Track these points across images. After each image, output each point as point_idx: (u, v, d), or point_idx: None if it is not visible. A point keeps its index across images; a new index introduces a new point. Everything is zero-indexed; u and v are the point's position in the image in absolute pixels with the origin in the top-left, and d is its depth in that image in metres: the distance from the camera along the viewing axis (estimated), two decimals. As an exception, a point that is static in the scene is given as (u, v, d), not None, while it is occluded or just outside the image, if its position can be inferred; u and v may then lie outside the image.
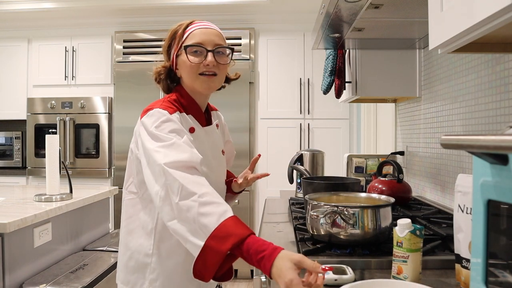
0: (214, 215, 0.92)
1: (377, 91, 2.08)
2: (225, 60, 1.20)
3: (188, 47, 1.16)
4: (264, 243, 0.88)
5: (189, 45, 1.16)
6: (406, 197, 1.76)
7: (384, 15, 1.48)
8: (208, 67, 1.16)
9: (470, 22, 0.72)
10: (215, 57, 1.17)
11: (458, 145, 0.60)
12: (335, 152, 3.65)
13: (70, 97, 3.84)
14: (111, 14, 3.81)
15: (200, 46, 1.16)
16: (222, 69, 1.20)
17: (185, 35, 1.18)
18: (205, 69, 1.16)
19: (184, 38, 1.18)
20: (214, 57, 1.16)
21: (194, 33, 1.17)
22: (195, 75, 1.17)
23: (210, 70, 1.16)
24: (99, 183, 3.80)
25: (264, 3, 3.48)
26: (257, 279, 1.11)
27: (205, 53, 1.16)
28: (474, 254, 0.65)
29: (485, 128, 1.42)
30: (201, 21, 1.21)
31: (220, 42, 1.19)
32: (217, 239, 0.90)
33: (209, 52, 1.16)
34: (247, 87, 3.63)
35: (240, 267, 3.63)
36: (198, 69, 1.16)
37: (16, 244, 1.75)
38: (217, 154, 1.27)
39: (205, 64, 1.16)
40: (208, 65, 1.16)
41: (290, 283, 0.81)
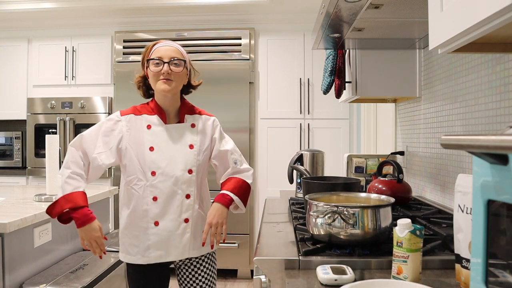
0: (71, 186, 1.48)
1: (377, 91, 2.08)
2: (179, 69, 1.54)
3: (150, 60, 1.54)
4: (87, 213, 1.47)
5: (150, 58, 1.54)
6: (406, 197, 1.77)
7: (384, 15, 1.48)
8: (164, 74, 1.51)
9: (470, 22, 0.72)
10: (170, 67, 1.52)
11: (458, 145, 0.60)
12: (335, 152, 3.65)
13: (70, 97, 3.84)
14: (111, 14, 3.81)
15: (159, 59, 1.52)
16: (177, 76, 1.54)
17: (151, 52, 1.56)
18: (162, 76, 1.51)
19: (150, 54, 1.56)
20: (170, 67, 1.51)
21: (156, 50, 1.55)
22: (155, 80, 1.53)
23: (166, 77, 1.51)
24: (99, 183, 3.79)
25: (264, 3, 3.48)
26: (257, 279, 1.11)
27: (162, 64, 1.51)
28: (474, 254, 0.65)
29: (485, 128, 1.42)
30: (165, 41, 1.60)
31: (175, 55, 1.54)
32: (65, 200, 1.47)
33: (165, 63, 1.51)
34: (247, 87, 3.63)
35: (240, 267, 3.63)
36: (158, 76, 1.52)
37: (16, 244, 1.75)
38: (177, 146, 1.56)
39: (161, 72, 1.51)
40: (163, 73, 1.51)
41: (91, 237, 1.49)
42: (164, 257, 1.54)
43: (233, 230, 3.62)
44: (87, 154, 1.53)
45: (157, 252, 1.53)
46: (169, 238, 1.53)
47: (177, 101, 1.61)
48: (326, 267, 0.97)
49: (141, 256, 1.54)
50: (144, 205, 1.52)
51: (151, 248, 1.53)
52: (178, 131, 1.58)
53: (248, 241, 3.62)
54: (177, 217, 1.54)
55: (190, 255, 1.58)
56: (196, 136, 1.60)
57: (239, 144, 3.56)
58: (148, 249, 1.53)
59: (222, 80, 3.61)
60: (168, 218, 1.53)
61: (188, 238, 1.55)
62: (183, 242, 1.55)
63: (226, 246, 3.57)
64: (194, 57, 3.70)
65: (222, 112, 3.58)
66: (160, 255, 1.54)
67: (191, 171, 1.56)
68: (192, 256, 1.59)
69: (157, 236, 1.52)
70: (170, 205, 1.53)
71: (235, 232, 3.60)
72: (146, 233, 1.52)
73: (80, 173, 1.51)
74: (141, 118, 1.57)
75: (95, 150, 1.52)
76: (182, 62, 1.55)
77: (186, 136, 1.58)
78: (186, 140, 1.58)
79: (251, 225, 3.65)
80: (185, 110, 1.62)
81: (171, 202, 1.53)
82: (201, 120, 1.64)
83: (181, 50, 1.58)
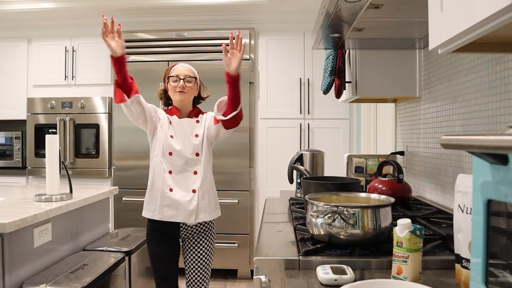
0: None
1: (377, 91, 2.08)
2: (191, 84, 2.06)
3: (170, 77, 2.06)
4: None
5: (170, 76, 2.06)
6: (406, 197, 1.77)
7: (384, 15, 1.48)
8: (180, 88, 2.02)
9: (470, 22, 0.72)
10: (185, 82, 2.03)
11: (458, 145, 0.60)
12: (335, 152, 3.65)
13: (70, 97, 3.84)
14: (111, 14, 3.80)
15: (177, 77, 2.04)
16: (189, 89, 2.05)
17: (171, 71, 2.08)
18: (178, 89, 2.02)
19: (170, 73, 2.07)
20: (184, 83, 2.03)
21: (174, 69, 2.07)
22: (173, 92, 2.04)
23: (181, 89, 2.02)
24: (99, 183, 3.80)
25: (264, 3, 3.48)
26: (257, 279, 1.11)
27: (179, 81, 2.02)
28: (474, 254, 0.65)
29: (485, 128, 1.42)
30: (181, 63, 2.12)
31: (188, 74, 2.06)
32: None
33: (181, 79, 2.03)
34: (247, 87, 3.63)
35: (240, 267, 3.63)
36: (175, 89, 2.03)
37: (16, 244, 1.75)
38: (187, 135, 2.04)
39: (178, 86, 2.02)
40: (179, 87, 2.02)
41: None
42: (175, 217, 1.96)
43: (233, 230, 3.62)
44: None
45: (170, 212, 1.96)
46: (180, 202, 1.97)
47: (189, 107, 2.12)
48: (326, 267, 0.97)
49: (157, 213, 1.97)
50: (162, 175, 1.99)
51: (165, 208, 1.96)
52: (188, 124, 2.06)
53: (248, 241, 3.62)
54: (186, 188, 1.99)
55: (196, 220, 1.99)
56: (199, 128, 2.07)
57: (239, 144, 3.59)
58: (163, 208, 1.97)
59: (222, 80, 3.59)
60: (180, 187, 1.99)
61: (195, 205, 1.98)
62: (191, 207, 1.97)
63: (226, 246, 3.57)
64: (194, 57, 3.70)
65: (222, 112, 3.58)
66: (171, 215, 1.96)
67: (198, 154, 2.03)
68: (198, 221, 1.99)
69: (171, 199, 1.96)
70: (182, 178, 2.00)
71: (235, 232, 3.60)
72: (163, 196, 1.97)
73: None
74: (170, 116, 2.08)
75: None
76: (193, 79, 2.07)
77: (193, 128, 2.07)
78: (193, 131, 2.06)
79: (251, 225, 3.65)
80: (193, 113, 2.13)
81: (183, 176, 2.00)
82: (203, 117, 2.13)
83: (193, 70, 2.10)
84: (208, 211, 2.02)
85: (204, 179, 2.02)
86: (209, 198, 2.04)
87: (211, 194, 2.06)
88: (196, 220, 1.99)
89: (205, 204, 2.02)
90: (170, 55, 3.73)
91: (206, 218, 2.02)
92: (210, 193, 2.06)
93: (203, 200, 2.01)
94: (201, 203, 2.00)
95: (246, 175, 3.59)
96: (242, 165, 3.61)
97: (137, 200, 3.66)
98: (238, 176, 3.58)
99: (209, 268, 2.10)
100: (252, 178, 3.67)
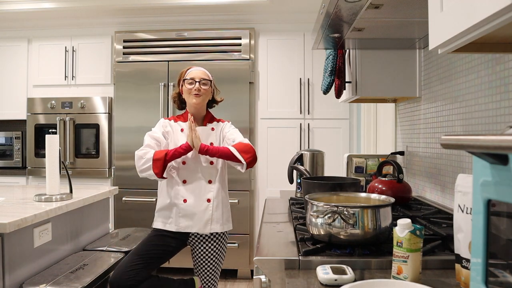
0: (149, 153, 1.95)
1: (377, 91, 2.08)
2: (206, 87, 2.05)
3: (185, 79, 2.05)
4: (175, 151, 1.93)
5: (186, 78, 2.05)
6: (406, 197, 1.77)
7: (384, 15, 1.48)
8: (195, 90, 2.02)
9: (470, 22, 0.72)
10: (200, 85, 2.02)
11: (458, 145, 0.60)
12: (335, 152, 3.65)
13: (70, 97, 3.84)
14: (111, 14, 3.81)
15: (192, 79, 2.03)
16: (204, 92, 2.04)
17: (186, 74, 2.07)
18: (194, 92, 2.02)
19: (185, 75, 2.07)
20: (200, 86, 2.02)
21: (190, 73, 2.06)
22: (188, 95, 2.04)
23: (196, 92, 2.02)
24: (99, 183, 3.80)
25: (264, 3, 3.48)
26: (257, 279, 1.11)
27: (195, 83, 2.02)
28: (474, 254, 0.65)
29: (485, 128, 1.42)
30: (196, 66, 2.12)
31: (204, 77, 2.05)
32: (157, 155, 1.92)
33: (196, 82, 2.02)
34: (247, 87, 3.63)
35: (240, 267, 3.63)
36: (191, 92, 2.03)
37: (16, 244, 1.75)
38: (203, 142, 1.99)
39: (194, 89, 2.02)
40: (195, 90, 2.02)
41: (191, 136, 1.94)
42: (190, 227, 1.99)
43: (233, 230, 3.60)
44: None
45: (186, 222, 1.99)
46: (195, 213, 1.98)
47: (203, 111, 2.11)
48: (326, 267, 0.97)
49: (174, 225, 2.00)
50: (176, 185, 2.01)
51: (181, 219, 1.99)
52: (202, 133, 2.04)
53: (248, 241, 3.62)
54: (201, 197, 2.00)
55: (211, 230, 2.00)
56: (215, 137, 2.08)
57: (239, 144, 3.57)
58: (178, 219, 1.99)
59: (222, 80, 3.61)
60: (194, 197, 2.00)
61: (209, 214, 2.00)
62: (206, 217, 2.00)
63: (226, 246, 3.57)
64: (194, 57, 3.70)
65: (222, 112, 3.57)
66: (187, 226, 2.00)
67: (212, 162, 2.03)
68: (212, 231, 2.00)
69: (185, 210, 1.99)
70: (196, 187, 2.00)
71: (235, 232, 3.60)
72: (178, 207, 1.99)
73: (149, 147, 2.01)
74: (177, 124, 2.09)
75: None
76: (208, 82, 2.07)
77: (207, 136, 2.06)
78: (208, 139, 2.06)
79: (251, 225, 3.65)
80: (207, 119, 2.12)
81: (197, 186, 2.00)
82: (218, 126, 2.12)
83: (208, 73, 2.10)
84: (220, 223, 2.03)
85: (219, 189, 2.03)
86: (223, 209, 2.05)
87: (225, 206, 2.07)
88: (212, 230, 2.00)
89: (219, 215, 2.02)
90: (170, 55, 3.73)
91: (218, 229, 2.02)
92: (224, 204, 2.07)
93: (217, 210, 2.02)
94: (215, 213, 2.01)
95: (246, 175, 3.59)
96: (242, 165, 3.60)
97: (137, 200, 3.66)
98: (238, 176, 3.57)
99: (218, 275, 2.12)
100: (252, 178, 3.67)
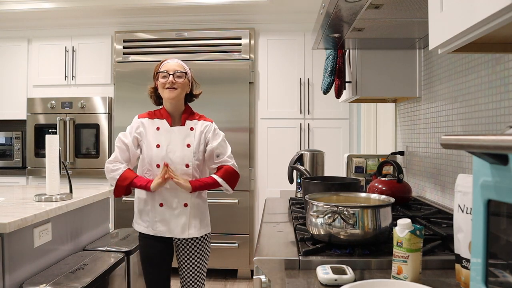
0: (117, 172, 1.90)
1: (377, 91, 2.08)
2: (181, 80, 1.91)
3: (159, 73, 1.92)
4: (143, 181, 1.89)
5: (159, 71, 1.92)
6: (406, 197, 1.77)
7: (384, 15, 1.48)
8: (169, 83, 1.88)
9: (470, 22, 0.72)
10: (174, 78, 1.88)
11: (458, 145, 0.60)
12: (335, 152, 3.65)
13: (70, 97, 3.84)
14: (111, 14, 3.81)
15: (165, 72, 1.89)
16: (180, 85, 1.90)
17: (160, 67, 1.93)
18: (168, 85, 1.88)
19: (159, 69, 1.93)
20: (174, 78, 1.88)
21: (164, 65, 1.93)
22: (162, 89, 1.90)
23: (171, 86, 1.88)
24: (99, 183, 3.79)
25: (264, 3, 3.48)
26: (257, 279, 1.11)
27: (168, 76, 1.88)
28: (474, 254, 0.65)
29: (485, 128, 1.42)
30: (171, 59, 1.97)
31: (178, 69, 1.91)
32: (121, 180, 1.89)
33: (170, 75, 1.89)
34: (247, 87, 3.63)
35: (240, 267, 3.63)
36: (165, 85, 1.89)
37: (16, 244, 1.75)
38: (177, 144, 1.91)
39: (168, 82, 1.88)
40: (169, 83, 1.88)
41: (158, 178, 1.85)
42: (167, 232, 1.92)
43: (233, 230, 3.62)
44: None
45: (162, 227, 1.92)
46: (171, 217, 1.91)
47: (181, 106, 1.97)
48: (326, 267, 0.97)
49: (151, 229, 1.93)
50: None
51: (158, 223, 1.92)
52: (179, 133, 1.92)
53: (248, 241, 3.62)
54: (177, 202, 1.91)
55: (188, 235, 1.92)
56: (193, 138, 1.94)
57: (239, 144, 3.58)
58: (155, 223, 1.92)
59: (222, 80, 3.61)
60: (170, 202, 1.91)
61: (185, 219, 1.91)
62: (182, 222, 1.91)
63: (226, 246, 3.57)
64: (194, 57, 3.70)
65: (222, 112, 3.59)
66: (164, 231, 1.92)
67: (188, 165, 1.91)
68: (190, 236, 1.93)
69: (162, 215, 1.91)
70: (172, 191, 1.90)
71: (235, 232, 3.60)
72: (154, 212, 1.92)
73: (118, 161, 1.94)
74: (153, 121, 1.95)
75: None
76: (183, 74, 1.93)
77: (185, 137, 1.93)
78: (185, 140, 1.92)
79: (251, 225, 3.65)
80: (186, 115, 1.97)
81: (173, 190, 1.89)
82: (199, 125, 1.97)
83: (183, 65, 1.96)
84: (198, 227, 1.94)
85: (197, 194, 1.94)
86: (200, 214, 1.96)
87: (202, 211, 1.97)
88: (190, 235, 1.92)
89: (196, 220, 1.94)
90: (170, 55, 3.72)
91: (196, 234, 1.94)
92: (202, 209, 1.97)
93: (194, 215, 1.93)
94: (192, 219, 1.92)
95: (246, 175, 3.58)
96: (242, 165, 3.60)
97: (137, 200, 3.66)
98: (238, 176, 3.58)
99: (204, 274, 2.04)
100: (252, 178, 3.67)
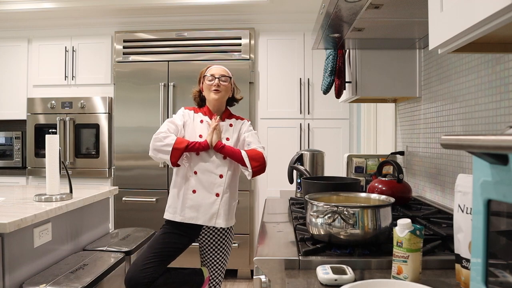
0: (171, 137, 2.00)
1: (377, 91, 2.08)
2: (226, 83, 2.12)
3: (205, 76, 2.12)
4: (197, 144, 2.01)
5: (206, 75, 2.12)
6: (406, 197, 1.76)
7: (384, 15, 1.48)
8: (215, 86, 2.08)
9: (470, 22, 0.72)
10: (220, 82, 2.09)
11: (458, 145, 0.60)
12: (335, 152, 3.65)
13: (70, 97, 3.84)
14: (111, 14, 3.81)
15: (212, 76, 2.10)
16: (224, 88, 2.11)
17: (206, 71, 2.13)
18: (214, 88, 2.08)
19: (206, 72, 2.13)
20: (219, 82, 2.09)
21: (210, 69, 2.13)
22: (208, 91, 2.11)
23: (216, 88, 2.08)
24: (99, 183, 3.80)
25: (264, 3, 3.48)
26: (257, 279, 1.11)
27: (214, 80, 2.09)
28: (474, 254, 0.65)
29: (485, 128, 1.42)
30: (216, 65, 2.18)
31: (223, 73, 2.11)
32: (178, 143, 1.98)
33: (216, 78, 2.09)
34: (247, 87, 3.63)
35: (240, 267, 3.63)
36: (211, 87, 2.09)
37: (16, 244, 1.75)
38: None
39: (213, 85, 2.08)
40: (215, 85, 2.08)
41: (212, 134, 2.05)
42: (195, 219, 2.01)
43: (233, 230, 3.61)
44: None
45: (191, 213, 2.01)
46: (201, 204, 2.01)
47: (222, 107, 2.17)
48: (326, 267, 0.97)
49: (178, 215, 2.03)
50: (186, 175, 2.04)
51: (187, 209, 2.02)
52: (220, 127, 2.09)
53: (248, 241, 3.62)
54: (210, 191, 2.02)
55: (216, 224, 2.02)
56: (232, 133, 2.13)
57: (239, 144, 3.57)
58: (184, 210, 2.02)
59: (222, 80, 3.61)
60: (203, 190, 2.02)
61: (216, 208, 2.02)
62: (212, 211, 2.02)
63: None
64: (194, 57, 3.70)
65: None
66: (192, 217, 2.01)
67: (225, 157, 2.05)
68: (217, 226, 2.03)
69: (193, 201, 2.02)
70: (206, 180, 2.03)
71: (235, 232, 3.59)
72: (185, 197, 2.02)
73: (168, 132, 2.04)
74: (198, 115, 2.16)
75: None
76: (228, 79, 2.13)
77: (224, 131, 2.12)
78: (225, 134, 2.11)
79: (251, 225, 3.65)
80: (225, 115, 2.18)
81: (207, 179, 2.03)
82: (237, 123, 2.17)
83: (228, 71, 2.16)
84: (226, 218, 2.05)
85: (229, 185, 2.05)
86: (230, 205, 2.07)
87: (231, 202, 2.09)
88: (217, 224, 2.02)
89: (225, 210, 2.04)
90: (170, 55, 3.73)
91: (223, 224, 2.04)
92: (231, 201, 2.09)
93: (224, 206, 2.03)
94: (221, 208, 2.03)
95: (246, 175, 3.58)
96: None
97: (137, 200, 3.66)
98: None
99: (225, 267, 2.20)
100: (252, 178, 3.67)
